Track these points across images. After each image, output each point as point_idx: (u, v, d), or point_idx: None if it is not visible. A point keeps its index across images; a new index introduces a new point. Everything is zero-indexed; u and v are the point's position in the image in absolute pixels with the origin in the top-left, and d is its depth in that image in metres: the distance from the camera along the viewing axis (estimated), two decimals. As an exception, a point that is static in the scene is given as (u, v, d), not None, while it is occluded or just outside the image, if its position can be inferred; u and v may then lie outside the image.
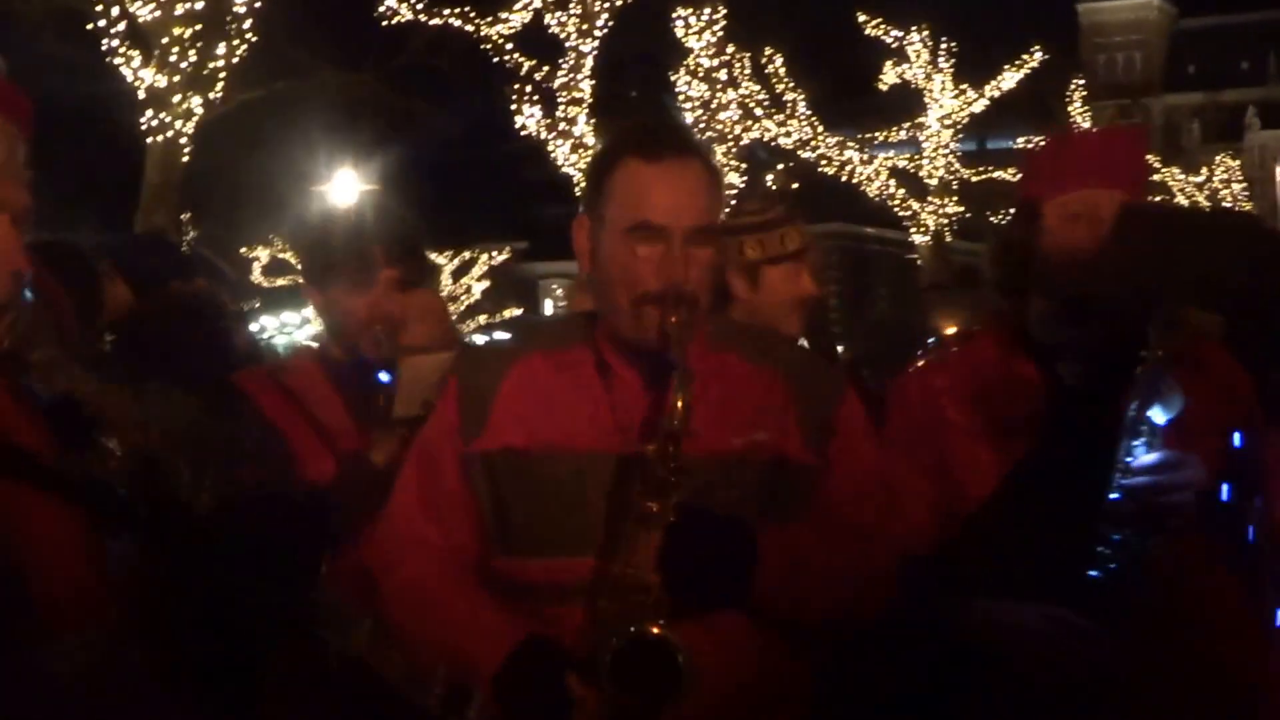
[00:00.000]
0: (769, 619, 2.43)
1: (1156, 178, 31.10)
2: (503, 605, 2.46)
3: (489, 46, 19.88)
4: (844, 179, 23.36)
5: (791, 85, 22.27)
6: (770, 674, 2.48)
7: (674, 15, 20.80)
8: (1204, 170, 34.06)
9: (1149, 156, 29.34)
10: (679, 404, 2.36)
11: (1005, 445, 2.89)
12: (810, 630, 2.51)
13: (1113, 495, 2.69)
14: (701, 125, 20.73)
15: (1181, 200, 31.99)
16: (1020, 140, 26.69)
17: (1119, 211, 2.95)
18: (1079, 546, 2.68)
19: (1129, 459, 2.70)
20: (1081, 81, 29.16)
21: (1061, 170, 3.05)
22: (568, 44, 19.76)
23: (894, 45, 23.44)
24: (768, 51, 21.83)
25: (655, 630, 2.24)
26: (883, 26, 23.62)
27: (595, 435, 2.51)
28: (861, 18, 23.76)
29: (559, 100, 20.06)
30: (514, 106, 20.13)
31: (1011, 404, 2.94)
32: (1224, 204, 33.10)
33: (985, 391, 2.96)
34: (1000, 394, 2.96)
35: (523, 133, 20.47)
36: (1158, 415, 2.71)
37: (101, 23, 16.36)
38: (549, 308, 40.65)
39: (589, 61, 19.89)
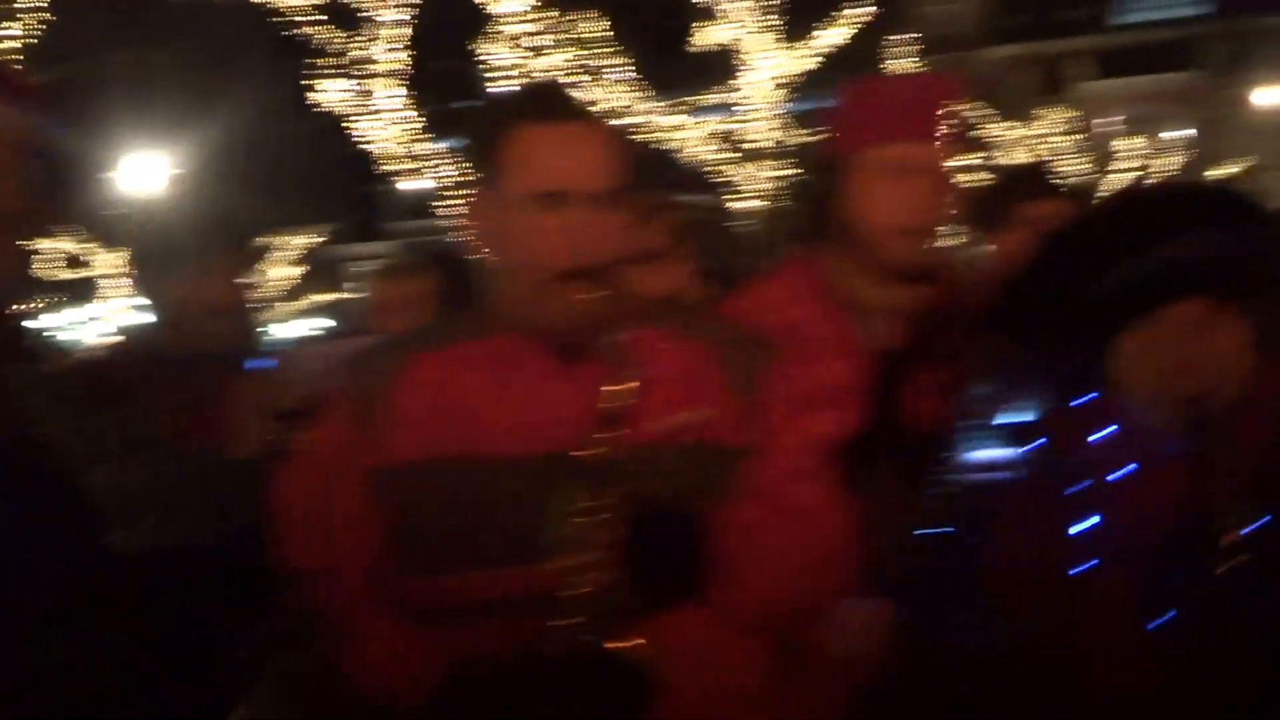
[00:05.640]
0: (733, 612, 2.37)
1: (992, 130, 31.19)
2: (418, 631, 2.36)
3: (281, 20, 18.89)
4: (664, 145, 22.83)
5: (609, 50, 21.62)
6: (739, 670, 2.40)
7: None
8: (1037, 121, 33.97)
9: (979, 109, 29.92)
10: (621, 387, 2.26)
11: (815, 414, 2.76)
12: (772, 618, 2.44)
13: (939, 483, 2.72)
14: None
15: (1012, 152, 32.11)
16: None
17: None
18: (910, 537, 2.71)
19: (964, 447, 2.71)
20: (910, 36, 29.03)
21: (867, 122, 3.01)
22: (361, 15, 18.85)
23: (714, 5, 22.94)
24: (583, 16, 21.09)
25: (617, 640, 2.17)
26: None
27: (513, 438, 2.39)
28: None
29: (356, 74, 19.20)
30: (311, 82, 19.23)
31: (822, 368, 2.87)
32: (1056, 155, 33.22)
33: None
34: (803, 357, 2.84)
35: (321, 109, 19.62)
36: (996, 409, 2.73)
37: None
38: (352, 292, 39.81)
39: (387, 32, 19.04)
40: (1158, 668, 2.50)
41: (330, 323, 28.20)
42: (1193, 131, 44.51)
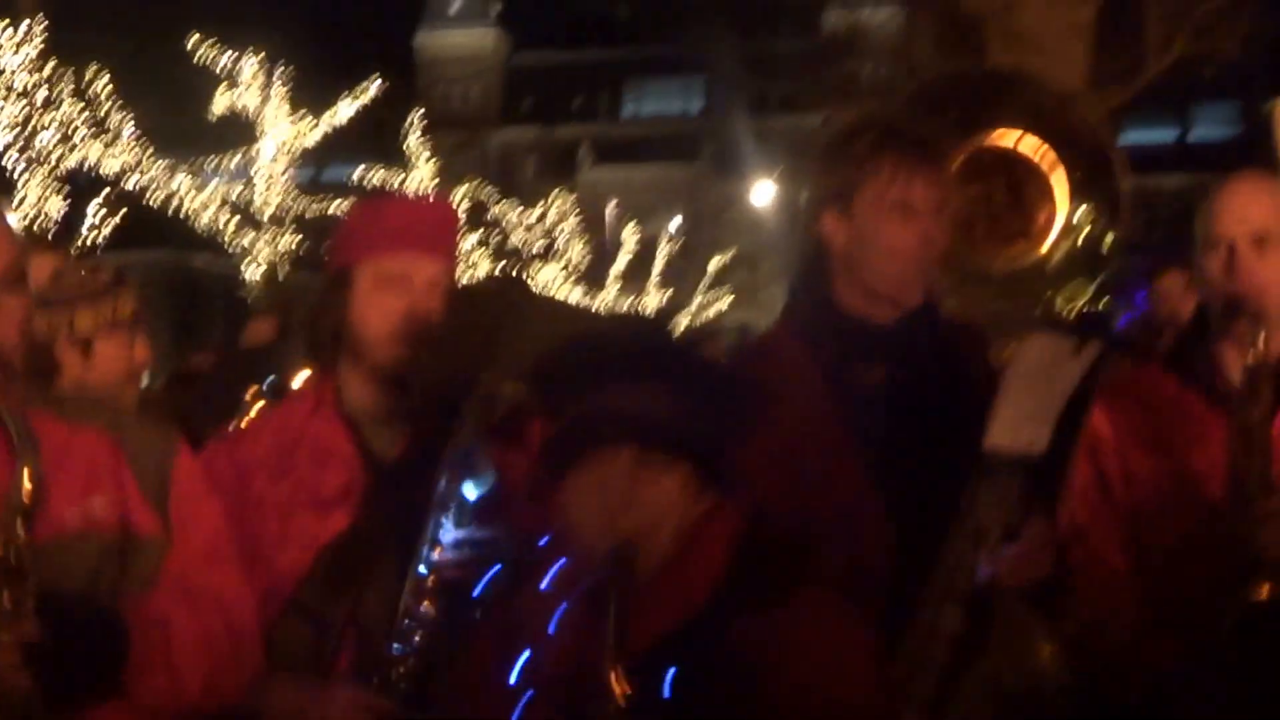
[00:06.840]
0: (155, 705, 2.31)
1: (494, 212, 31.90)
2: None
3: None
4: (173, 207, 22.40)
5: (118, 106, 21.03)
6: None
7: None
8: (539, 205, 34.89)
9: (488, 189, 30.52)
10: (24, 478, 2.11)
11: (317, 519, 2.90)
12: (195, 708, 2.38)
13: (421, 570, 2.76)
14: (18, 149, 19.41)
15: (519, 235, 32.97)
16: (359, 170, 26.87)
17: (448, 289, 3.04)
18: (397, 624, 2.74)
19: (440, 534, 2.78)
20: (421, 113, 29.43)
21: (374, 234, 3.07)
22: None
23: (227, 69, 22.75)
24: (92, 69, 20.46)
25: None
26: (215, 49, 22.86)
27: None
28: (193, 40, 22.79)
29: None
30: None
31: (324, 475, 2.94)
32: (559, 239, 34.30)
33: (292, 462, 2.96)
34: (310, 465, 2.96)
35: None
36: (469, 491, 2.82)
37: None
38: None
39: None
40: None
41: None
42: (681, 220, 46.63)
